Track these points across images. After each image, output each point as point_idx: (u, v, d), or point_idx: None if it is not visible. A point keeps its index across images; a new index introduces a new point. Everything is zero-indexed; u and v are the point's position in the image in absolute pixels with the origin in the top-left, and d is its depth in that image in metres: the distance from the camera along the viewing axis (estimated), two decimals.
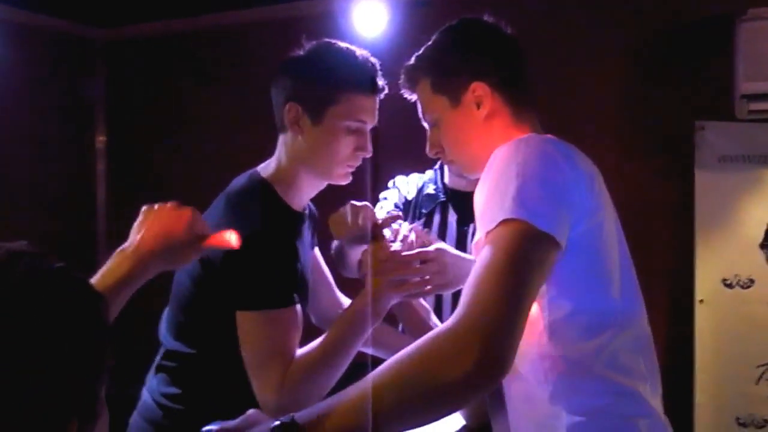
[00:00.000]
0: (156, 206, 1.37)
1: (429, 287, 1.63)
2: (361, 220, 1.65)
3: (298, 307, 1.58)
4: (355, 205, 1.68)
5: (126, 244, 1.32)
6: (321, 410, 1.10)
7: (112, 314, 1.21)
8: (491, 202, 1.21)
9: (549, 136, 1.37)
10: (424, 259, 1.62)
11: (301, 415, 1.09)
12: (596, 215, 1.25)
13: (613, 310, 1.25)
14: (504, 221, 1.15)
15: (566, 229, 1.19)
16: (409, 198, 2.30)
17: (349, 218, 1.66)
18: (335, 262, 2.01)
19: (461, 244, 2.14)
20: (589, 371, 1.22)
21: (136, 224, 1.35)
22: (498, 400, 1.31)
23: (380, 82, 1.67)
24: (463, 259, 1.68)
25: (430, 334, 1.10)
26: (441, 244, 1.69)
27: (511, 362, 1.06)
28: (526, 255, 1.13)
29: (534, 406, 1.24)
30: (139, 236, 1.32)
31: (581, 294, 1.23)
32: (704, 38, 3.26)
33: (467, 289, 1.11)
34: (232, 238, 1.41)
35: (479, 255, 1.16)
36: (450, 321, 1.08)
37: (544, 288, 1.19)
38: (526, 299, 1.11)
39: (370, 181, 1.83)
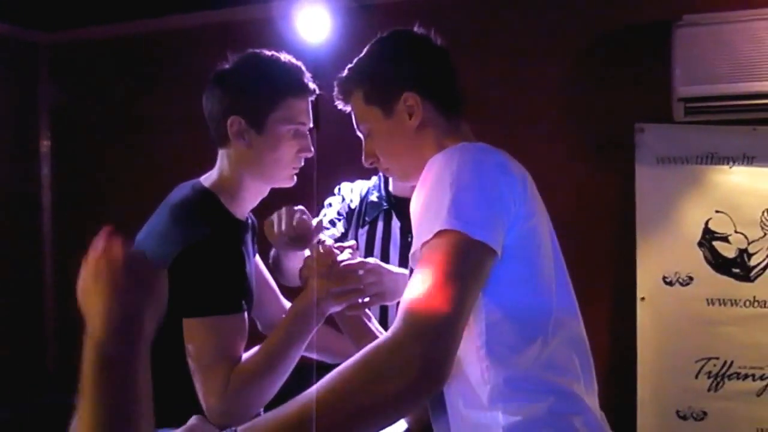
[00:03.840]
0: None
1: (366, 299, 1.67)
2: (296, 223, 1.66)
3: (245, 314, 1.59)
4: (289, 209, 1.69)
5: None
6: (264, 422, 1.11)
7: None
8: (427, 213, 1.23)
9: (481, 144, 1.39)
10: (363, 269, 1.66)
11: (244, 428, 1.10)
12: (529, 220, 1.29)
13: (548, 312, 1.29)
14: (440, 232, 1.17)
15: (501, 236, 1.22)
16: (353, 206, 2.31)
17: (284, 222, 1.67)
18: (273, 269, 2.02)
19: (405, 251, 2.15)
20: (525, 372, 1.25)
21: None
22: (439, 403, 1.34)
23: (311, 84, 1.71)
24: (396, 273, 1.73)
25: (371, 345, 1.12)
26: (373, 259, 1.75)
27: (450, 369, 1.09)
28: (462, 265, 1.16)
29: (473, 408, 1.27)
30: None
31: (517, 297, 1.27)
32: (643, 43, 3.34)
33: (405, 301, 1.14)
34: None
35: (416, 266, 1.19)
36: (390, 332, 1.11)
37: (481, 287, 1.21)
38: (464, 308, 1.14)
39: (316, 186, 1.85)
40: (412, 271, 1.24)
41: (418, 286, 1.14)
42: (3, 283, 4.14)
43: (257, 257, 1.96)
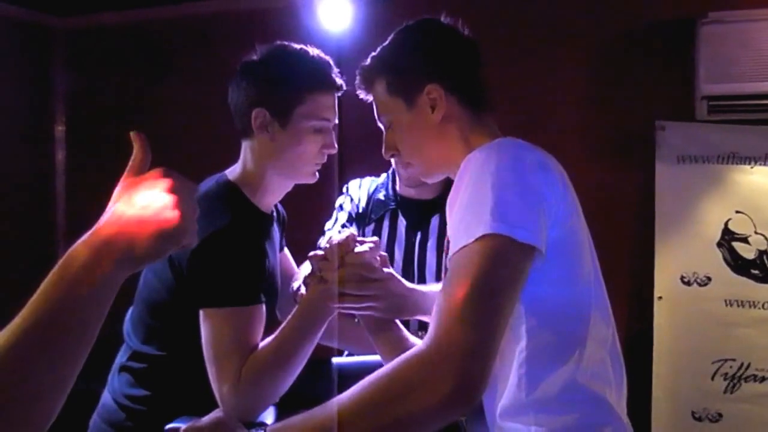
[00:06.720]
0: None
1: (360, 305, 1.56)
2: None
3: (263, 306, 1.57)
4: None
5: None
6: (294, 424, 1.10)
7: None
8: (467, 215, 1.18)
9: (518, 140, 1.32)
10: (377, 276, 1.55)
11: (273, 428, 1.09)
12: (570, 219, 1.25)
13: (585, 315, 1.25)
14: (483, 236, 1.12)
15: (545, 235, 1.18)
16: (361, 206, 2.28)
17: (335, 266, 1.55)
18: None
19: (410, 250, 2.15)
20: (563, 379, 1.21)
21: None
22: (476, 408, 1.31)
23: (338, 79, 1.68)
24: (412, 290, 1.61)
25: (404, 357, 1.09)
26: (393, 272, 1.62)
27: (486, 384, 1.06)
28: (503, 273, 1.12)
29: (502, 415, 1.24)
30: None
31: (557, 298, 1.23)
32: (667, 40, 3.31)
33: (441, 310, 1.09)
34: None
35: (453, 271, 1.14)
36: (424, 344, 1.08)
37: (519, 295, 1.17)
38: (502, 320, 1.10)
39: (338, 179, 1.83)
40: (446, 270, 1.20)
41: (455, 296, 1.09)
42: (17, 269, 4.14)
43: (285, 251, 1.94)
